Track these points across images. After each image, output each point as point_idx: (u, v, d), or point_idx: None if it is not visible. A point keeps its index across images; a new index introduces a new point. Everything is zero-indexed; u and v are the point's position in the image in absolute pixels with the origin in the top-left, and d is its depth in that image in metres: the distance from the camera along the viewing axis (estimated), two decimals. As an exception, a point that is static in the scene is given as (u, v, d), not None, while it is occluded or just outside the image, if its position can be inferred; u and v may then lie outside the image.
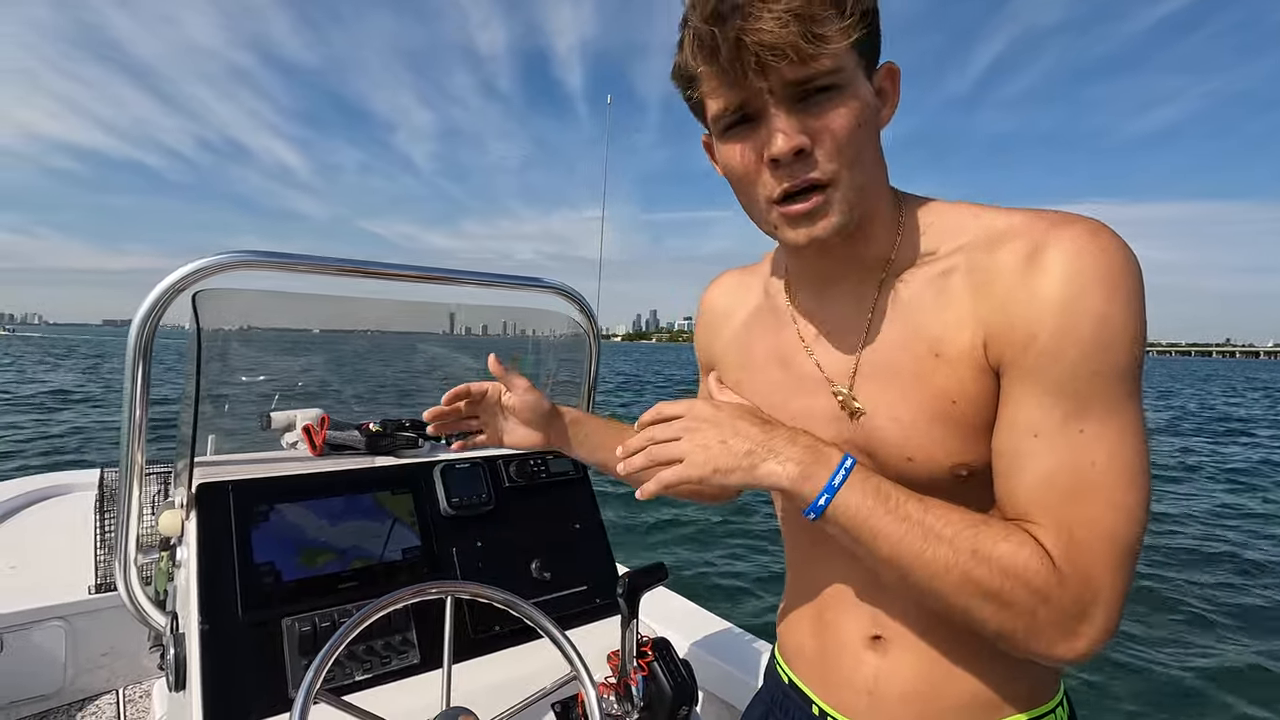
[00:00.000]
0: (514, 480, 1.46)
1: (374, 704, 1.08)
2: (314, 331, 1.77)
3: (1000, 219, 0.61)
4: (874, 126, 0.61)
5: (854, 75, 0.57)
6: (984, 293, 0.60)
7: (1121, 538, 0.54)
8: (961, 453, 0.62)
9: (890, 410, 0.65)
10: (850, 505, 0.59)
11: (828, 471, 0.60)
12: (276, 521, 1.17)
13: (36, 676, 1.96)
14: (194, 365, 1.16)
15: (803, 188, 0.59)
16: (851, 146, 0.58)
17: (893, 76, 0.63)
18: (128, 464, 1.15)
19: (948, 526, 0.56)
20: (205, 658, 1.02)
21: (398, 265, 1.39)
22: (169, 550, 1.21)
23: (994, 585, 0.54)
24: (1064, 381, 0.55)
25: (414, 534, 1.29)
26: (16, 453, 9.46)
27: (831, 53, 0.54)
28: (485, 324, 2.15)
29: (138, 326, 1.10)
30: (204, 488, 1.14)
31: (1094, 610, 0.54)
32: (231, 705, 1.00)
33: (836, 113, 0.57)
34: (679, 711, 1.22)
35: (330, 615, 1.13)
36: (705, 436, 0.64)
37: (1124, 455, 0.54)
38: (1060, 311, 0.55)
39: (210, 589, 1.07)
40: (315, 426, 1.36)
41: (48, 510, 2.53)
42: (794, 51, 0.53)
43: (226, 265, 1.14)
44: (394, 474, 1.34)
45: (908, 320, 0.65)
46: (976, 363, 0.60)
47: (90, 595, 1.99)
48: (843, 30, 0.53)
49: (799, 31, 0.52)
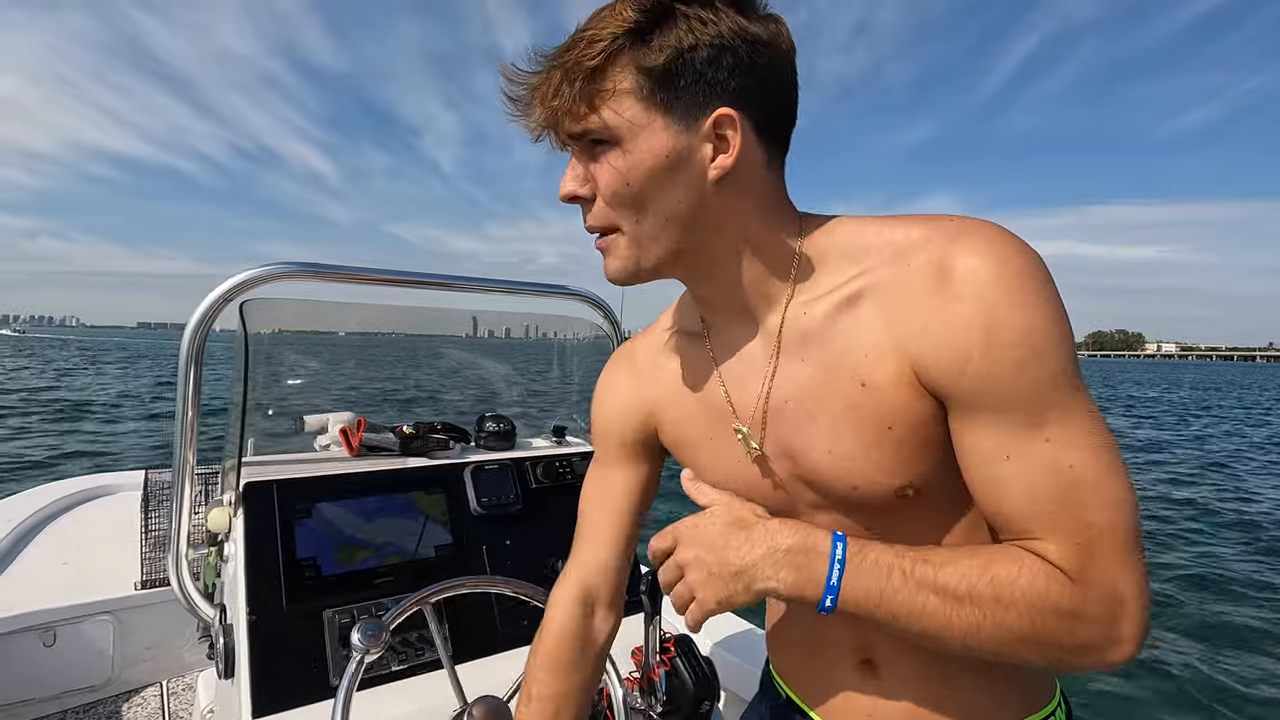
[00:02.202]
0: (540, 481, 1.51)
1: (409, 693, 1.14)
2: (340, 334, 1.84)
3: (899, 232, 0.61)
4: (677, 174, 0.60)
5: (639, 129, 0.58)
6: (899, 318, 0.59)
7: (1122, 527, 0.54)
8: (904, 474, 0.61)
9: (824, 443, 0.64)
10: (858, 594, 0.57)
11: (822, 569, 0.58)
12: (317, 519, 1.24)
13: (86, 668, 2.06)
14: (241, 371, 1.23)
15: (592, 229, 0.64)
16: (629, 196, 0.60)
17: (729, 123, 0.59)
18: (179, 464, 1.22)
19: (962, 581, 0.55)
20: (253, 646, 1.08)
21: (430, 275, 1.45)
22: (217, 546, 1.28)
23: (1027, 626, 0.54)
24: (1011, 398, 0.55)
25: (446, 532, 1.35)
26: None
27: (598, 114, 0.58)
28: (508, 327, 2.22)
29: (190, 334, 1.17)
30: (251, 486, 1.21)
31: (1125, 609, 0.54)
32: (277, 691, 1.07)
33: (606, 165, 0.60)
34: (701, 706, 1.26)
35: (368, 608, 1.19)
36: (699, 573, 0.63)
37: (1094, 448, 0.55)
38: (984, 334, 0.55)
39: (257, 582, 1.13)
40: (352, 429, 1.43)
41: (94, 510, 2.64)
42: (566, 113, 0.59)
43: (273, 276, 1.21)
44: (427, 474, 1.40)
45: (824, 351, 0.63)
46: (909, 387, 0.59)
47: (136, 591, 2.08)
48: (603, 93, 0.57)
49: (557, 109, 0.59)
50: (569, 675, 0.84)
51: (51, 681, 2.01)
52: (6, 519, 2.39)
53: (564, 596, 0.86)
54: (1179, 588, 5.55)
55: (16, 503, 2.57)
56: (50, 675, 2.01)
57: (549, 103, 0.59)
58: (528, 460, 1.53)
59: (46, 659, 1.99)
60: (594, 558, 0.86)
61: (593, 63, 0.57)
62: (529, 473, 1.51)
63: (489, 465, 1.46)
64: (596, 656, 0.87)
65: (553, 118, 0.59)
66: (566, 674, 0.84)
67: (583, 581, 0.86)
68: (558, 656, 0.84)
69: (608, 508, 0.86)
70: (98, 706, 2.05)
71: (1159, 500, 8.87)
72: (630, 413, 0.83)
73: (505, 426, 1.60)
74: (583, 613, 0.85)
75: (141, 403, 16.32)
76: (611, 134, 0.59)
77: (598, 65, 0.57)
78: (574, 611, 0.85)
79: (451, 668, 1.05)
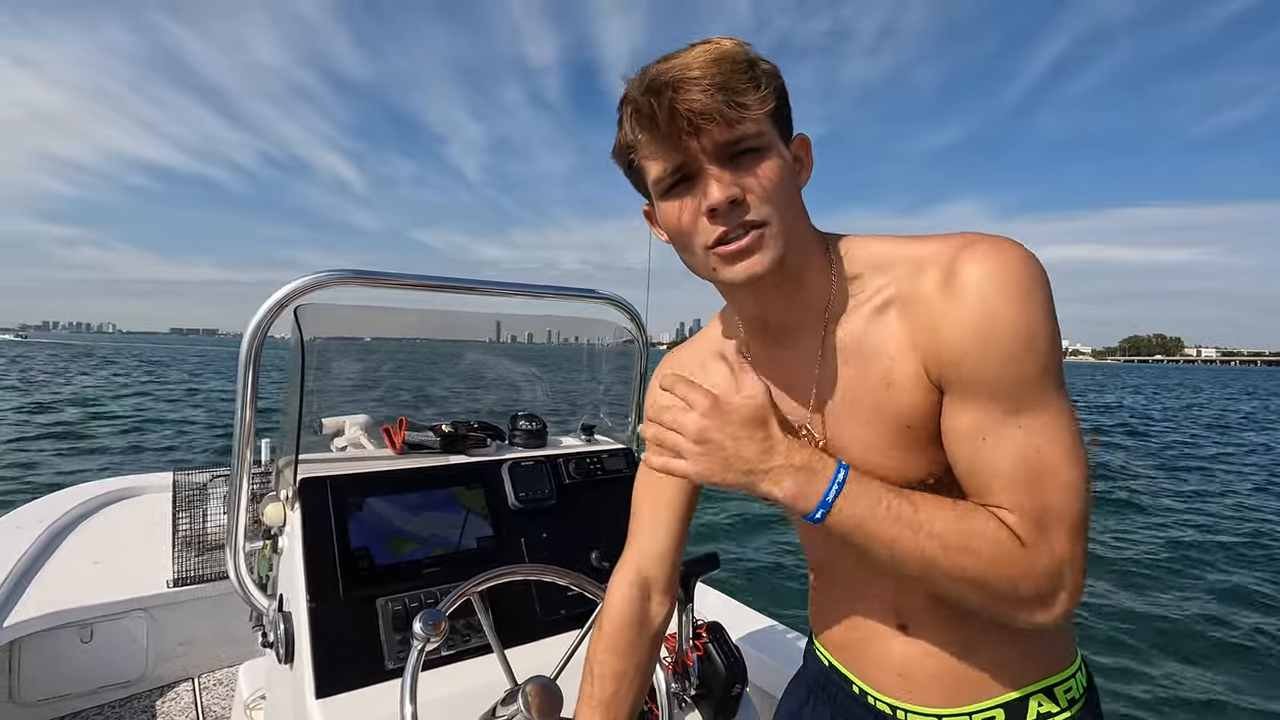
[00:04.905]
0: (573, 477, 1.58)
1: (460, 676, 1.20)
2: (366, 339, 1.90)
3: (918, 248, 0.69)
4: (795, 184, 0.70)
5: (773, 140, 0.67)
6: (916, 322, 0.67)
7: (1073, 510, 0.62)
8: (926, 465, 0.70)
9: (860, 442, 0.72)
10: (845, 514, 0.65)
11: (821, 487, 0.66)
12: (368, 513, 1.30)
13: (121, 664, 2.11)
14: (297, 372, 1.30)
15: (737, 230, 0.67)
16: (780, 194, 0.67)
17: (805, 146, 0.72)
18: (237, 461, 1.28)
19: (936, 521, 0.64)
20: (314, 632, 1.14)
21: (466, 280, 1.52)
22: (271, 539, 1.34)
23: (981, 572, 0.62)
24: (995, 387, 0.63)
25: (487, 525, 1.41)
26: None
27: (753, 118, 0.64)
28: (530, 332, 2.29)
29: (249, 338, 1.23)
30: (306, 482, 1.27)
31: (1062, 579, 0.62)
32: (337, 674, 1.13)
33: (763, 168, 0.66)
34: (732, 690, 1.33)
35: (418, 597, 1.25)
36: (705, 448, 0.68)
37: (1060, 439, 0.63)
38: (979, 329, 0.62)
39: (316, 572, 1.20)
40: (394, 428, 1.49)
41: (122, 510, 2.69)
42: (720, 115, 0.62)
43: (326, 283, 1.27)
44: (468, 471, 1.46)
45: (858, 356, 0.71)
46: (923, 385, 0.68)
47: (169, 589, 2.14)
48: (760, 99, 0.63)
49: (723, 100, 0.62)
50: (627, 656, 0.91)
51: (88, 676, 2.07)
52: (38, 520, 2.44)
53: (622, 582, 0.93)
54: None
55: (47, 504, 2.63)
56: (87, 670, 2.06)
57: (718, 94, 0.62)
58: (560, 457, 1.60)
59: (83, 655, 2.05)
60: (650, 546, 0.92)
61: (765, 70, 0.66)
62: (562, 469, 1.58)
63: (525, 462, 1.53)
64: (653, 639, 0.94)
65: (718, 105, 0.62)
66: (625, 655, 0.91)
67: (639, 569, 0.93)
68: (617, 639, 0.91)
69: (660, 499, 0.92)
70: (133, 701, 2.11)
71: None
72: None
73: (538, 425, 1.66)
74: (639, 597, 0.92)
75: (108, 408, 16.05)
76: (761, 142, 0.66)
77: (762, 81, 0.65)
78: (631, 595, 0.92)
79: (501, 651, 1.11)
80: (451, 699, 1.13)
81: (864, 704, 0.82)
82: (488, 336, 2.09)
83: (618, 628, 0.91)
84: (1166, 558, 6.60)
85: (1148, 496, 9.42)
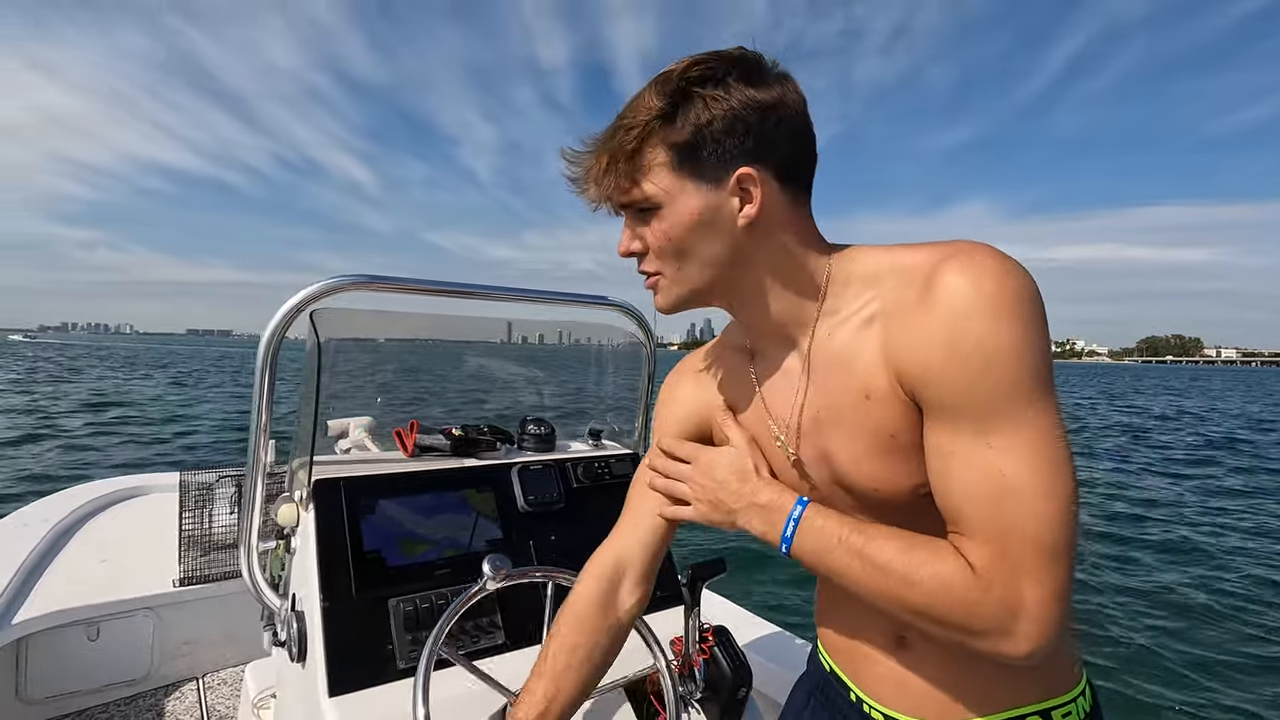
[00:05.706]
0: (581, 481, 1.59)
1: (469, 676, 1.22)
2: (380, 340, 1.92)
3: (908, 257, 0.68)
4: (711, 226, 0.71)
5: (675, 193, 0.70)
6: (892, 334, 0.67)
7: (1040, 540, 0.59)
8: (917, 475, 0.68)
9: (848, 452, 0.73)
10: (805, 547, 0.73)
11: (781, 523, 0.74)
12: (380, 515, 1.32)
13: (127, 662, 2.13)
14: (313, 375, 1.31)
15: (643, 272, 0.77)
16: (671, 248, 0.72)
17: (749, 178, 0.69)
18: (253, 462, 1.30)
19: (882, 554, 0.66)
20: (327, 631, 1.16)
21: (478, 285, 1.54)
22: (284, 540, 1.36)
23: (925, 604, 0.63)
24: (965, 403, 0.61)
25: (496, 528, 1.43)
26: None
27: (639, 189, 0.70)
28: (542, 333, 2.31)
29: (266, 341, 1.25)
30: (320, 483, 1.29)
31: (1023, 612, 0.59)
32: (350, 673, 1.14)
33: (654, 225, 0.72)
34: (738, 693, 1.34)
35: (429, 598, 1.27)
36: (704, 491, 0.82)
37: (1035, 463, 0.59)
38: (945, 341, 0.61)
39: (329, 572, 1.21)
40: (406, 431, 1.51)
41: (128, 510, 2.71)
42: (608, 200, 0.73)
43: (344, 287, 1.29)
44: (478, 474, 1.48)
45: (841, 368, 0.72)
46: (898, 398, 0.67)
47: (175, 588, 2.15)
48: (647, 169, 0.69)
49: (609, 184, 0.71)
50: (587, 634, 0.91)
51: (95, 674, 2.08)
52: (45, 518, 2.46)
53: (597, 563, 0.95)
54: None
55: (53, 503, 2.64)
56: (94, 668, 2.07)
57: (601, 182, 0.72)
58: (569, 461, 1.61)
59: (90, 653, 2.06)
60: (630, 532, 0.94)
61: (630, 146, 0.69)
62: (570, 473, 1.59)
63: (534, 466, 1.55)
64: (617, 625, 0.94)
65: (605, 193, 0.73)
66: (585, 632, 0.91)
67: (616, 552, 0.94)
68: (578, 611, 0.92)
69: (649, 492, 0.94)
70: (138, 700, 2.12)
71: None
72: (689, 413, 0.93)
73: (546, 429, 1.68)
74: (610, 577, 0.93)
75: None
76: (652, 202, 0.71)
77: (635, 148, 0.69)
78: (602, 574, 0.93)
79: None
80: (463, 698, 1.15)
81: (860, 712, 0.83)
82: (499, 338, 2.11)
83: (583, 604, 0.92)
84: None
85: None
